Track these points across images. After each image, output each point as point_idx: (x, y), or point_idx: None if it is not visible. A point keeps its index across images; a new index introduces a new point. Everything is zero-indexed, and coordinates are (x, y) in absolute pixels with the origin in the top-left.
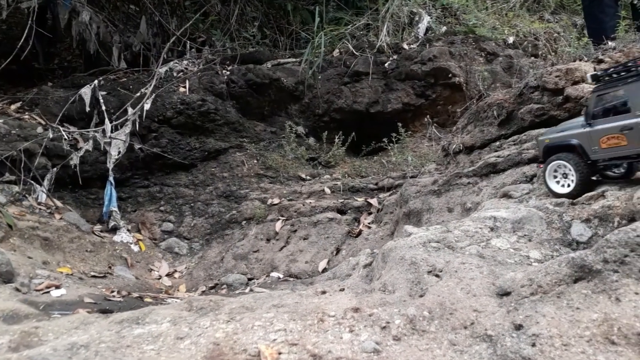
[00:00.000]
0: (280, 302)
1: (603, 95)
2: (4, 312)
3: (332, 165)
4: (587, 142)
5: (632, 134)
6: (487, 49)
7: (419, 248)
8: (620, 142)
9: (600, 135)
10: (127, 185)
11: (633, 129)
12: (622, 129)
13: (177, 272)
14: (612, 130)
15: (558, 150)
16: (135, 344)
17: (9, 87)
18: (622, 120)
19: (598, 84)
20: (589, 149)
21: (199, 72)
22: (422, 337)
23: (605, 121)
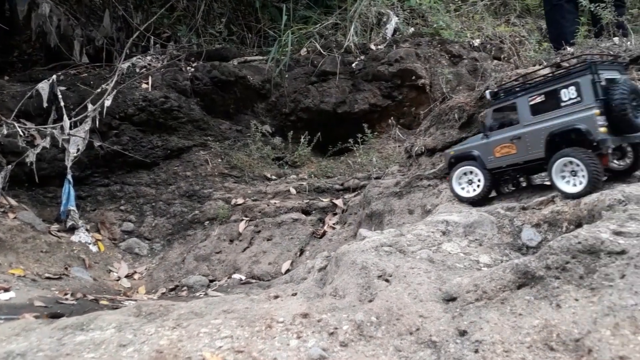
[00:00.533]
0: (231, 307)
1: (498, 109)
2: None
3: (298, 165)
4: (484, 152)
5: (520, 143)
6: (452, 51)
7: (371, 252)
8: (510, 150)
9: (494, 145)
10: (86, 183)
11: (520, 138)
12: (512, 138)
13: (137, 273)
14: (504, 140)
15: (462, 160)
16: (75, 352)
17: None
18: (512, 131)
19: (495, 100)
20: (485, 159)
21: (162, 69)
22: (369, 343)
23: (499, 132)
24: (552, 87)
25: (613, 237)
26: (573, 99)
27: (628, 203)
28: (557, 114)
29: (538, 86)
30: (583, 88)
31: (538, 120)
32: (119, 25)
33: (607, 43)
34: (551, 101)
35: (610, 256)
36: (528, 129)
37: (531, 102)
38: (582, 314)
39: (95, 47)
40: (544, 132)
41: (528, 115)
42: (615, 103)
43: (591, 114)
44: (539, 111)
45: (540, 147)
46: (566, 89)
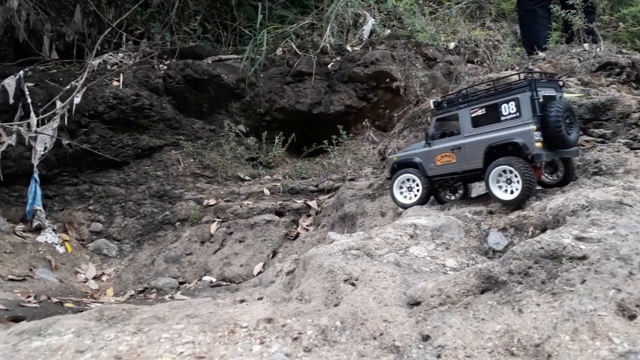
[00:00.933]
0: (195, 312)
1: (441, 119)
2: None
3: (272, 165)
4: (426, 159)
5: (460, 153)
6: (428, 54)
7: (339, 256)
8: (451, 159)
9: (436, 154)
10: (54, 182)
11: (461, 148)
12: (453, 148)
13: (105, 274)
14: (445, 149)
15: (404, 167)
16: (30, 359)
17: None
18: (453, 141)
19: (439, 109)
20: (426, 166)
21: (134, 66)
22: (333, 348)
23: (441, 142)
24: (493, 101)
25: (575, 242)
26: (512, 114)
27: (591, 209)
28: (496, 127)
29: (480, 99)
30: (522, 104)
31: (478, 132)
32: (91, 21)
33: (577, 49)
34: (492, 114)
35: (572, 261)
36: (468, 140)
37: (473, 114)
38: (543, 319)
39: (65, 42)
40: (483, 144)
41: (469, 127)
42: (551, 120)
43: (529, 130)
44: (479, 123)
45: (479, 158)
46: (507, 103)
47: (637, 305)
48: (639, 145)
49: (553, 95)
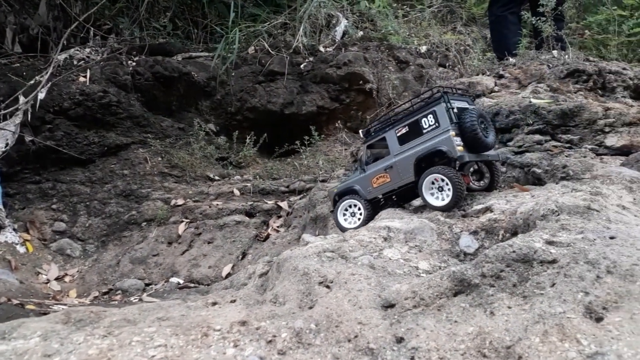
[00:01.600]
0: (166, 314)
1: (372, 145)
2: None
3: (243, 165)
4: (363, 184)
5: (392, 172)
6: (399, 56)
7: (313, 258)
8: (385, 179)
9: (371, 177)
10: (15, 180)
11: (392, 167)
12: (386, 168)
13: (68, 275)
14: (379, 170)
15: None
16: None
17: None
18: (385, 162)
19: (367, 137)
20: (365, 190)
21: (102, 62)
22: (307, 350)
23: (374, 165)
24: (414, 117)
25: (545, 246)
26: (432, 125)
27: (560, 213)
28: (420, 140)
29: (402, 119)
30: (439, 115)
31: (406, 149)
32: (56, 14)
33: (546, 55)
34: (414, 130)
35: (542, 265)
36: (398, 158)
37: (398, 133)
38: (514, 321)
39: (29, 36)
40: (411, 158)
41: (397, 146)
42: (466, 125)
43: (448, 136)
44: (405, 140)
45: (410, 172)
46: (425, 117)
47: (604, 308)
48: (604, 152)
49: (466, 107)
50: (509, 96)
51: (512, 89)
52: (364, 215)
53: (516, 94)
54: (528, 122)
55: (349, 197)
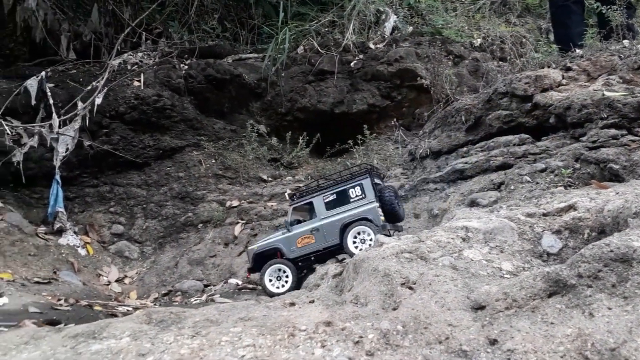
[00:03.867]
0: (247, 314)
1: (297, 207)
2: None
3: (294, 166)
4: (287, 244)
5: (318, 234)
6: (453, 51)
7: (392, 259)
8: (310, 240)
9: (297, 237)
10: (74, 184)
11: (319, 229)
12: (312, 230)
13: (127, 277)
14: (305, 232)
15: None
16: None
17: None
18: (311, 224)
19: (293, 200)
20: (288, 250)
21: (154, 66)
22: (396, 352)
23: (300, 226)
24: (342, 187)
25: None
26: (359, 196)
27: None
28: (347, 207)
29: (330, 188)
30: (366, 188)
31: (332, 214)
32: (108, 20)
33: (616, 46)
34: (342, 198)
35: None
36: (325, 222)
37: (325, 200)
38: (616, 323)
39: (82, 42)
40: (338, 222)
41: (323, 211)
42: (386, 200)
43: (374, 207)
44: (332, 206)
45: (335, 235)
46: (353, 188)
47: None
48: None
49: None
50: (578, 89)
51: (581, 82)
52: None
53: (586, 87)
54: (602, 116)
55: (275, 262)
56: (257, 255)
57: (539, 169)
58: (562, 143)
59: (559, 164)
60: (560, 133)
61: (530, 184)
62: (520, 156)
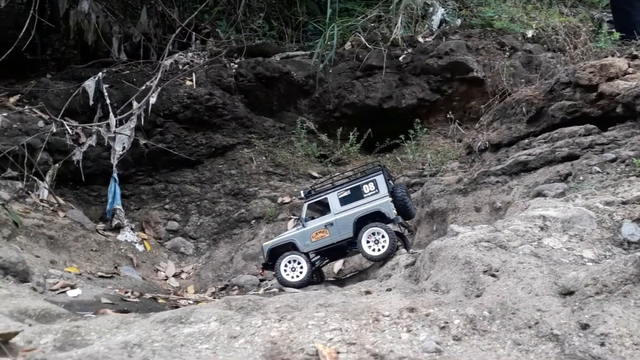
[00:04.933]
0: (326, 301)
1: (312, 203)
2: (35, 312)
3: (343, 162)
4: (301, 238)
5: (332, 228)
6: (505, 42)
7: (471, 247)
8: (324, 234)
9: (311, 232)
10: (130, 182)
11: (333, 224)
12: (326, 224)
13: (184, 272)
14: (319, 226)
15: (281, 249)
16: (189, 343)
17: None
18: (326, 219)
19: (308, 196)
20: (302, 244)
21: (205, 65)
22: (484, 337)
23: (315, 222)
24: (356, 184)
25: None
26: (372, 191)
27: None
28: (361, 202)
29: (344, 185)
30: (379, 183)
31: (347, 209)
32: (156, 22)
33: None
34: (356, 194)
35: None
36: (339, 216)
37: (340, 196)
38: None
39: (132, 43)
40: (352, 216)
41: (338, 206)
42: (398, 196)
43: (386, 201)
44: (347, 202)
45: (349, 228)
46: (367, 184)
47: None
48: None
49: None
50: None
51: None
52: (306, 270)
53: None
54: None
55: (290, 253)
56: (272, 250)
57: (609, 159)
58: (632, 132)
59: (630, 154)
60: (628, 122)
61: (601, 174)
62: (586, 147)
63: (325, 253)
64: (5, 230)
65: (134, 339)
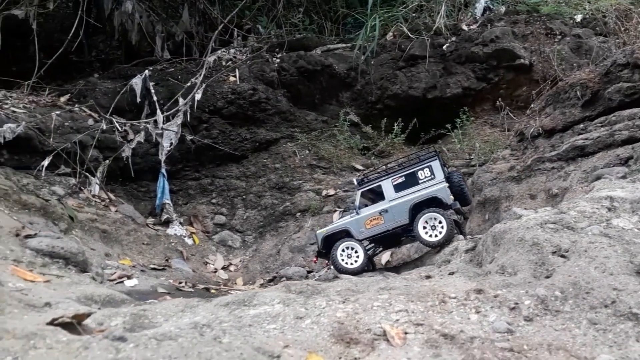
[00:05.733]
0: (387, 285)
1: (366, 191)
2: (101, 297)
3: (387, 154)
4: (356, 226)
5: (387, 215)
6: (553, 28)
7: (537, 229)
8: (379, 221)
9: (365, 219)
10: (177, 177)
11: (387, 211)
12: (381, 211)
13: (232, 265)
14: (374, 214)
15: (335, 237)
16: (256, 324)
17: (48, 79)
18: (380, 206)
19: (362, 184)
20: (357, 231)
21: (248, 61)
22: (556, 317)
23: (369, 209)
24: (410, 170)
25: None
26: (428, 177)
27: None
28: (416, 188)
29: (398, 171)
30: (435, 169)
31: (402, 195)
32: (198, 20)
33: None
34: (411, 180)
35: None
36: (394, 203)
37: (394, 182)
38: None
39: (175, 42)
40: (408, 203)
41: (392, 193)
42: (454, 182)
43: (443, 187)
44: (401, 188)
45: (405, 215)
46: (422, 170)
47: None
48: None
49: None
50: None
51: None
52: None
53: None
54: None
55: (345, 240)
56: (326, 238)
57: None
58: None
59: None
60: None
61: None
62: None
63: (379, 241)
64: (62, 224)
65: (202, 320)
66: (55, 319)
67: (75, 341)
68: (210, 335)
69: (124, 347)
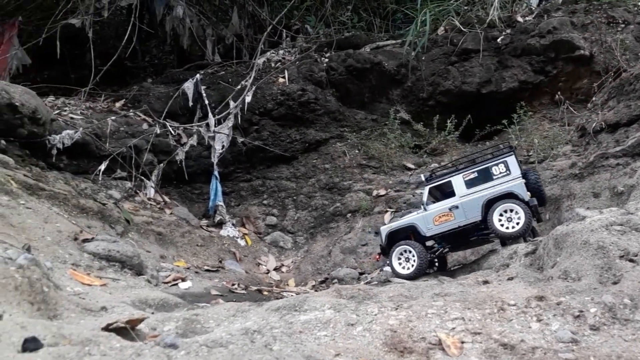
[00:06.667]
0: (442, 291)
1: (433, 187)
2: (155, 301)
3: (438, 153)
4: (423, 222)
5: (457, 211)
6: (615, 16)
7: (603, 231)
8: (449, 218)
9: (434, 215)
10: (229, 179)
11: (458, 207)
12: (451, 208)
13: (284, 266)
14: (443, 210)
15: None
16: (307, 330)
17: (104, 86)
18: (450, 202)
19: (430, 180)
20: (425, 228)
21: (297, 61)
22: (626, 326)
23: (437, 205)
24: (484, 165)
25: None
26: (503, 173)
27: None
28: (490, 184)
29: (469, 167)
30: (510, 164)
31: (474, 191)
32: (247, 22)
33: None
34: (484, 176)
35: None
36: (465, 199)
37: (465, 178)
38: None
39: (225, 45)
40: (481, 199)
41: (463, 189)
42: (531, 180)
43: (521, 182)
44: (473, 184)
45: (477, 211)
46: (496, 166)
47: None
48: None
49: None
50: None
51: None
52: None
53: None
54: None
55: (404, 243)
56: (391, 233)
57: None
58: None
59: None
60: None
61: None
62: None
63: (447, 238)
64: (118, 227)
65: (253, 326)
66: (109, 324)
67: (128, 348)
68: (260, 342)
69: (175, 354)
